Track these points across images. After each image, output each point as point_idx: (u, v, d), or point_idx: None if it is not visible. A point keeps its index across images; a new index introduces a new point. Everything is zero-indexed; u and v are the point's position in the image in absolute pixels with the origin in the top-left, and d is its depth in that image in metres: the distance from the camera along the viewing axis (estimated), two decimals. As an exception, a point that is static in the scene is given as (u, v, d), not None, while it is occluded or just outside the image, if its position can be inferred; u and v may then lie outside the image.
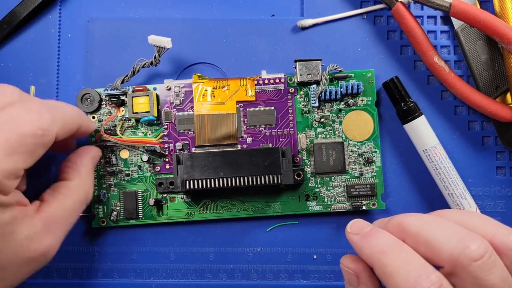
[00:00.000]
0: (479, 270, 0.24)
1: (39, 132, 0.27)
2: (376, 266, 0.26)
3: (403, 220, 0.27)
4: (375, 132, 0.37)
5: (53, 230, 0.29)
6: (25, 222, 0.27)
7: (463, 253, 0.24)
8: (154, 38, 0.35)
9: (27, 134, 0.26)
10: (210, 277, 0.37)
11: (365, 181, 0.36)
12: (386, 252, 0.26)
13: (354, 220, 0.29)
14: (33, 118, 0.27)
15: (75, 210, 0.31)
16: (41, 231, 0.28)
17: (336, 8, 0.38)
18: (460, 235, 0.25)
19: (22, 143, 0.26)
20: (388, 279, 0.25)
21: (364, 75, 0.37)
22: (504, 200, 0.37)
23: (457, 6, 0.34)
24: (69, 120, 0.30)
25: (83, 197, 0.32)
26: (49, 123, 0.27)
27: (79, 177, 0.32)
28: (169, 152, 0.36)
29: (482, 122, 0.38)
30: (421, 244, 0.25)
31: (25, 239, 0.27)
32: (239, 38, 0.38)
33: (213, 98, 0.36)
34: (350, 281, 0.29)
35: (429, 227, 0.26)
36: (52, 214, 0.29)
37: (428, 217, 0.27)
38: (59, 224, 0.30)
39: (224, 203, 0.36)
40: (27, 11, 0.38)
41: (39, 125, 0.27)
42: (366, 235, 0.27)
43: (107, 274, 0.37)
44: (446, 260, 0.24)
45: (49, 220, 0.29)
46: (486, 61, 0.37)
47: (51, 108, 0.29)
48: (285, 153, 0.34)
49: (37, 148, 0.27)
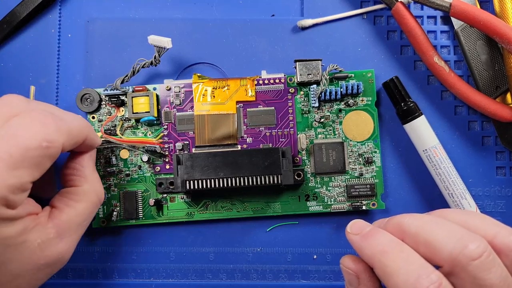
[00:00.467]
0: (477, 269, 0.24)
1: (44, 144, 0.26)
2: (376, 266, 0.26)
3: (402, 220, 0.27)
4: (375, 132, 0.37)
5: (66, 235, 0.29)
6: (37, 230, 0.27)
7: (462, 253, 0.24)
8: (154, 38, 0.35)
9: (32, 147, 0.25)
10: (210, 277, 0.37)
11: (365, 181, 0.36)
12: (386, 252, 0.26)
13: (354, 221, 0.29)
14: (38, 130, 0.26)
15: (88, 214, 0.31)
16: (54, 238, 0.28)
17: (336, 8, 0.38)
18: (460, 234, 0.25)
19: (27, 156, 0.25)
20: (388, 278, 0.25)
21: (364, 75, 0.37)
22: (504, 200, 0.37)
23: (457, 6, 0.34)
24: (75, 132, 0.29)
25: (95, 199, 0.31)
26: (55, 134, 0.27)
27: (86, 181, 0.31)
28: (169, 152, 0.36)
29: (482, 122, 0.38)
30: (420, 244, 0.26)
31: (38, 247, 0.27)
32: (239, 38, 0.38)
33: (213, 98, 0.36)
34: (351, 282, 0.29)
35: (428, 227, 0.26)
36: (64, 220, 0.29)
37: (427, 217, 0.27)
38: (72, 230, 0.29)
39: (224, 203, 0.36)
40: (27, 11, 0.38)
41: (45, 137, 0.26)
42: (366, 235, 0.28)
43: (107, 274, 0.37)
44: (446, 259, 0.24)
45: (62, 227, 0.28)
46: (486, 61, 0.37)
47: (57, 119, 0.28)
48: (285, 153, 0.34)
49: (43, 160, 0.26)
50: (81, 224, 0.30)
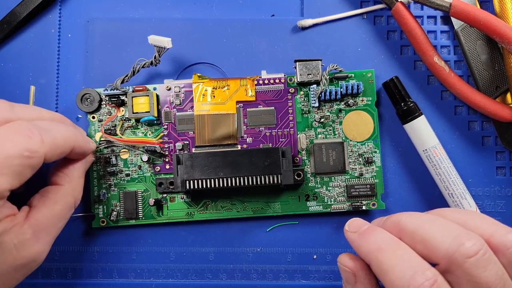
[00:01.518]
0: (473, 267, 0.24)
1: (26, 154, 0.26)
2: (373, 263, 0.27)
3: (400, 219, 0.27)
4: (375, 132, 0.37)
5: (42, 236, 0.29)
6: (14, 231, 0.27)
7: (458, 250, 0.24)
8: (154, 38, 0.35)
9: (13, 155, 0.25)
10: (210, 277, 0.37)
11: (365, 181, 0.36)
12: (383, 249, 0.26)
13: (352, 219, 0.30)
14: (20, 140, 0.26)
15: (63, 215, 0.31)
16: (30, 238, 0.28)
17: (336, 8, 0.38)
18: (456, 233, 0.25)
19: (7, 164, 0.25)
20: (385, 275, 0.26)
21: (364, 75, 0.37)
22: (504, 200, 0.37)
23: (457, 6, 0.34)
24: (60, 142, 0.29)
25: (72, 202, 0.31)
26: (38, 145, 0.27)
27: (70, 182, 0.32)
28: (169, 152, 0.36)
29: (482, 122, 0.38)
30: (417, 242, 0.26)
31: (14, 248, 0.27)
32: (239, 38, 0.38)
33: (213, 98, 0.36)
34: (348, 280, 0.29)
35: (425, 225, 0.26)
36: (41, 220, 0.29)
37: (425, 215, 0.27)
38: (48, 230, 0.29)
39: (224, 203, 0.36)
40: (27, 11, 0.38)
41: (26, 146, 0.26)
42: (364, 233, 0.28)
43: (107, 274, 0.37)
44: (442, 257, 0.25)
45: (38, 227, 0.29)
46: (486, 61, 0.37)
47: (41, 130, 0.28)
48: (285, 153, 0.34)
49: (23, 170, 0.26)
50: (56, 225, 0.30)
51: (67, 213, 0.31)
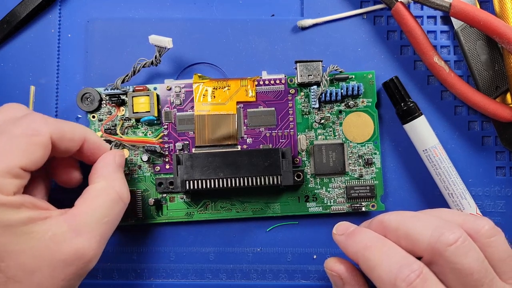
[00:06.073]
0: (454, 255, 0.25)
1: (29, 132, 0.27)
2: (361, 261, 0.28)
3: (383, 218, 0.29)
4: (375, 133, 0.37)
5: (84, 230, 0.28)
6: (47, 223, 0.27)
7: (439, 240, 0.26)
8: (155, 38, 0.35)
9: (17, 133, 0.27)
10: (210, 277, 0.37)
11: (364, 182, 0.36)
12: (370, 247, 0.28)
13: (340, 223, 0.31)
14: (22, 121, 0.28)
15: (107, 210, 0.30)
16: (68, 232, 0.27)
17: (336, 8, 0.38)
18: (436, 224, 0.27)
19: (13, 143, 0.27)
20: (372, 272, 0.27)
21: (365, 76, 0.37)
22: (504, 200, 0.37)
23: (457, 6, 0.34)
24: (66, 128, 0.30)
25: (115, 196, 0.31)
26: (41, 125, 0.28)
27: (104, 178, 0.31)
28: (169, 152, 0.36)
29: (482, 122, 0.38)
30: (401, 238, 0.27)
31: (50, 240, 0.26)
32: (239, 38, 0.38)
33: (214, 98, 0.36)
34: (336, 283, 0.31)
35: (407, 221, 0.28)
36: (79, 215, 0.28)
37: (407, 213, 0.29)
38: (91, 226, 0.28)
39: (223, 203, 0.36)
40: (27, 11, 0.38)
41: (29, 123, 0.28)
42: (351, 234, 0.30)
43: (107, 274, 0.37)
44: (425, 249, 0.26)
45: (76, 221, 0.28)
46: (486, 61, 0.37)
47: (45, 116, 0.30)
48: (285, 154, 0.34)
49: (30, 147, 0.27)
50: (100, 220, 0.29)
51: (112, 208, 0.30)
